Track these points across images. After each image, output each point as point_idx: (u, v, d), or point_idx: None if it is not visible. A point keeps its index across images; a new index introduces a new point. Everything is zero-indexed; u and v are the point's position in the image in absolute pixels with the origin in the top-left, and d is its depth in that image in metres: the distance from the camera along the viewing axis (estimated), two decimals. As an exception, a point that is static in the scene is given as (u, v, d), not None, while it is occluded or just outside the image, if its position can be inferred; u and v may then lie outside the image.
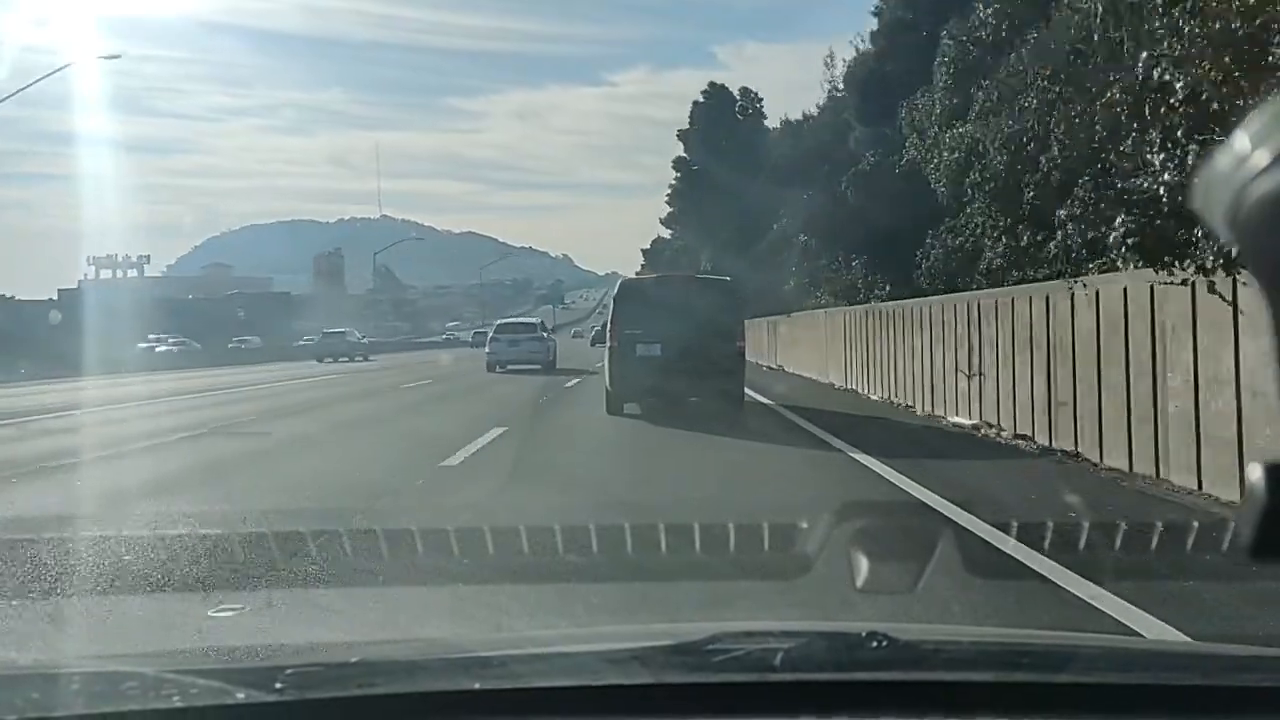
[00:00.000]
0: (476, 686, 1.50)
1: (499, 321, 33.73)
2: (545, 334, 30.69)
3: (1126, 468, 8.89)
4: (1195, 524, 5.62)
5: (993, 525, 6.13)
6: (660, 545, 5.43)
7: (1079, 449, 9.99)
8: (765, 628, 1.95)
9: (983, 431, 12.45)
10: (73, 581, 5.22)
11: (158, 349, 48.47)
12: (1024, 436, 11.36)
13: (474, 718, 1.43)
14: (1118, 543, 5.46)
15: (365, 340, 51.38)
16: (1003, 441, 11.60)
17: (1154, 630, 4.12)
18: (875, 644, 1.54)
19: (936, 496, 7.50)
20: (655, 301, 14.94)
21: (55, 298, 68.73)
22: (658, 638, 1.83)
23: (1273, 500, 0.67)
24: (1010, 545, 5.60)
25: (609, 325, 15.28)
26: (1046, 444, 10.75)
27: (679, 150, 49.17)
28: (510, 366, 28.36)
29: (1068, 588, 4.82)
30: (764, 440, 11.84)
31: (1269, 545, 0.68)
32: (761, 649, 1.60)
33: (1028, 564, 5.28)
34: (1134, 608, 4.45)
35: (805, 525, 5.38)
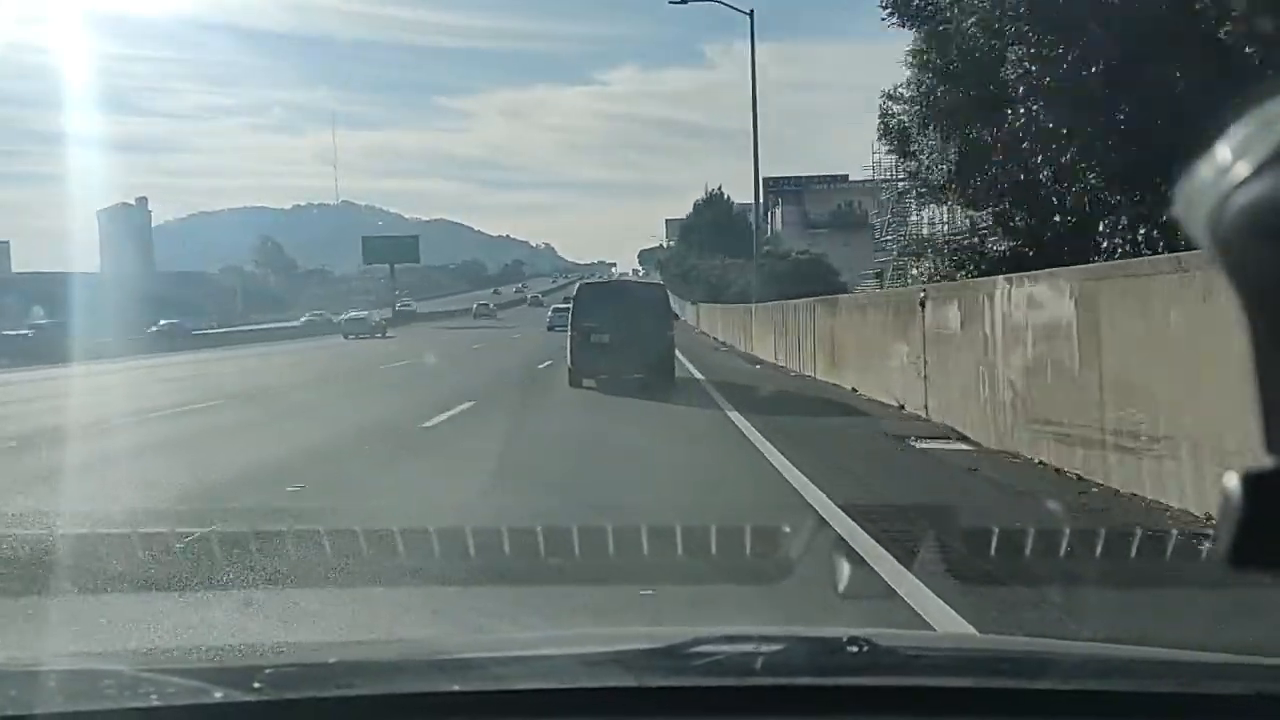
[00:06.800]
0: (456, 688, 1.50)
1: (554, 306, 56.65)
2: None
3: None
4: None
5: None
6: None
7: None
8: (746, 632, 1.95)
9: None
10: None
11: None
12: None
13: (454, 719, 1.43)
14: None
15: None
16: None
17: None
18: (855, 649, 1.54)
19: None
20: (606, 300, 19.09)
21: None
22: (638, 641, 1.83)
23: (1249, 509, 0.67)
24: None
25: (570, 318, 18.79)
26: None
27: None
28: (558, 329, 49.26)
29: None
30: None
31: (1246, 554, 0.68)
32: (741, 653, 1.60)
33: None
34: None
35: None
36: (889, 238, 48.73)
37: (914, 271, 44.15)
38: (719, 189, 79.54)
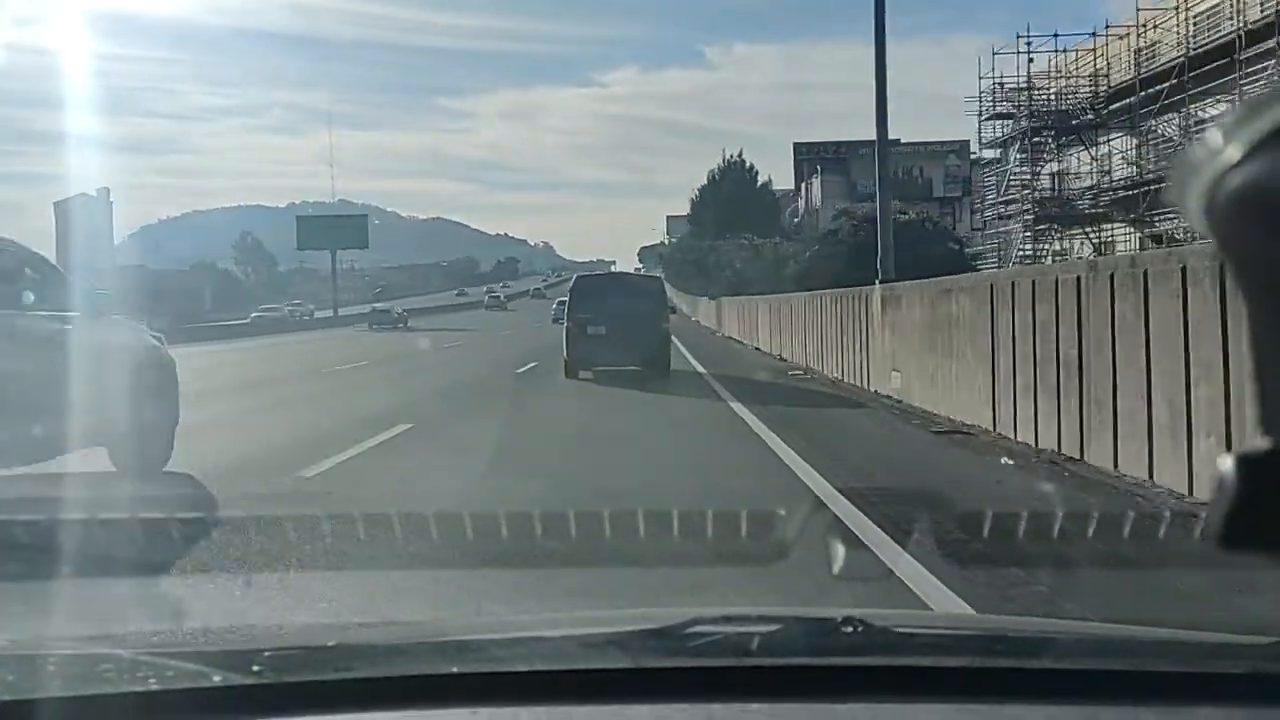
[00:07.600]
0: (455, 670, 1.50)
1: (557, 300, 53.02)
2: None
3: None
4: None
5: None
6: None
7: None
8: (743, 612, 1.96)
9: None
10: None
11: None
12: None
13: (452, 701, 1.43)
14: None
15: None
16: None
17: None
18: (851, 629, 1.54)
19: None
20: (602, 293, 19.55)
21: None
22: (636, 622, 1.84)
23: (1242, 491, 0.68)
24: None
25: (567, 311, 19.16)
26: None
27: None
28: (561, 321, 48.69)
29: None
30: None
31: (1238, 536, 0.69)
32: (739, 633, 1.60)
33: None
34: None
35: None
36: (1011, 198, 35.70)
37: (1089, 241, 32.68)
38: (739, 154, 67.91)
